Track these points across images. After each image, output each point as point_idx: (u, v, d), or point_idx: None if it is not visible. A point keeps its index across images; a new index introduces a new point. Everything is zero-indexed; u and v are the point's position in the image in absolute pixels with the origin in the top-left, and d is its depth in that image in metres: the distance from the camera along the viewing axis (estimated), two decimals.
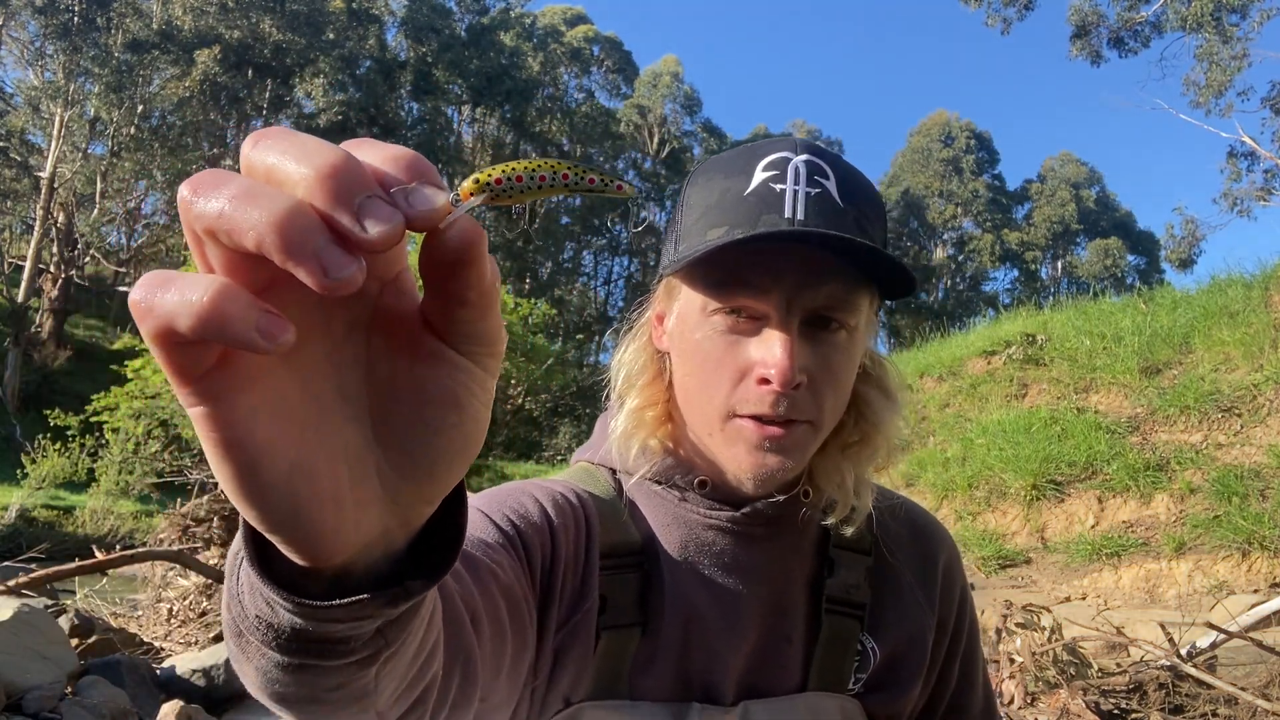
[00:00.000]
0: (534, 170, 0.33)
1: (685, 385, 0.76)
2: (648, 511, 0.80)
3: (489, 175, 0.33)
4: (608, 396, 0.85)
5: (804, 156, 0.71)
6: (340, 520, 0.33)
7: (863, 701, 0.79)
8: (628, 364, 0.82)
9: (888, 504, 0.89)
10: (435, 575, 0.37)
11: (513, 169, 0.33)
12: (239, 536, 0.36)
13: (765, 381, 0.69)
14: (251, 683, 0.41)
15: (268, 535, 0.33)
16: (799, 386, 0.69)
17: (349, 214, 0.27)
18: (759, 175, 0.70)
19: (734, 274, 0.70)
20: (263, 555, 0.36)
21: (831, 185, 0.70)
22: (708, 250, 0.67)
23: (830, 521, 0.79)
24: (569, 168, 0.34)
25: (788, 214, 0.68)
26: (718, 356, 0.71)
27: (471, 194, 0.32)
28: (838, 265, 0.69)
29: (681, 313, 0.75)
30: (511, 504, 0.74)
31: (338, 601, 0.35)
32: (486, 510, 0.73)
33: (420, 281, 0.34)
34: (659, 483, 0.80)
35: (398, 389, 0.34)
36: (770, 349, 0.69)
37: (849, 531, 0.80)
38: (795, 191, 0.68)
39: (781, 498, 0.78)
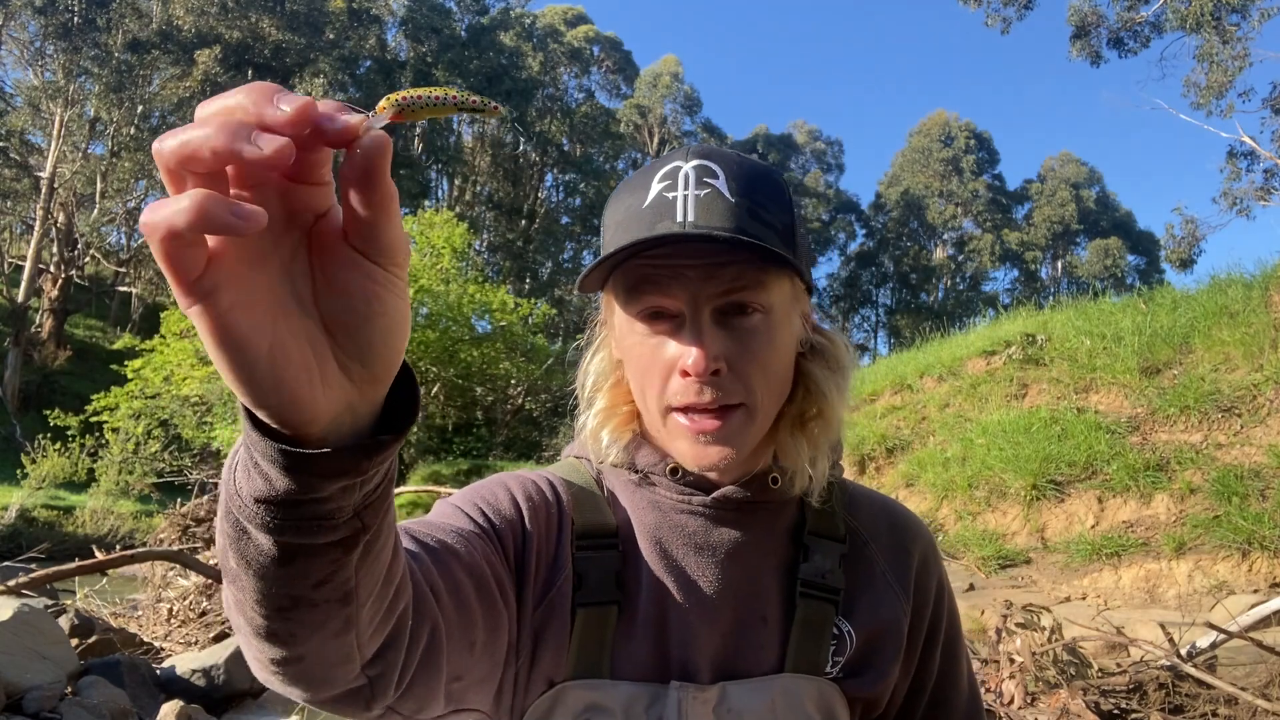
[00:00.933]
0: (431, 93, 0.43)
1: (633, 388, 0.82)
2: (624, 498, 0.85)
3: (398, 95, 0.43)
4: (574, 405, 0.90)
5: (694, 162, 0.76)
6: (313, 389, 0.43)
7: (841, 686, 0.82)
8: (594, 371, 0.88)
9: (865, 496, 0.93)
10: (400, 431, 0.47)
11: (416, 93, 0.43)
12: (243, 429, 0.45)
13: (687, 373, 0.74)
14: (248, 593, 0.48)
15: (258, 410, 0.43)
16: (718, 372, 0.74)
17: (270, 106, 0.38)
18: (654, 188, 0.76)
19: (643, 280, 0.75)
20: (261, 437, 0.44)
21: (720, 183, 0.75)
22: (598, 262, 0.75)
23: (794, 494, 0.83)
24: (458, 92, 0.44)
25: (679, 218, 0.73)
26: (648, 358, 0.77)
27: (384, 109, 0.42)
28: (734, 255, 0.73)
29: (617, 322, 0.81)
30: (484, 494, 0.82)
31: (323, 450, 0.43)
32: (460, 504, 0.80)
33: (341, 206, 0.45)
34: (636, 471, 0.84)
35: (333, 290, 0.44)
36: (684, 342, 0.74)
37: (814, 500, 0.84)
38: (685, 196, 0.74)
39: (747, 486, 0.82)
